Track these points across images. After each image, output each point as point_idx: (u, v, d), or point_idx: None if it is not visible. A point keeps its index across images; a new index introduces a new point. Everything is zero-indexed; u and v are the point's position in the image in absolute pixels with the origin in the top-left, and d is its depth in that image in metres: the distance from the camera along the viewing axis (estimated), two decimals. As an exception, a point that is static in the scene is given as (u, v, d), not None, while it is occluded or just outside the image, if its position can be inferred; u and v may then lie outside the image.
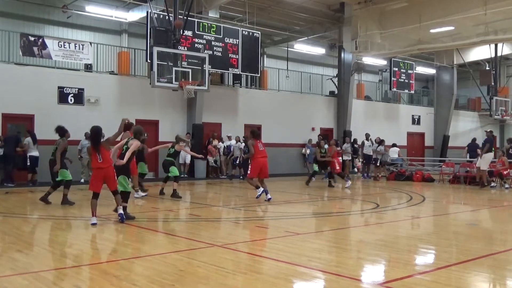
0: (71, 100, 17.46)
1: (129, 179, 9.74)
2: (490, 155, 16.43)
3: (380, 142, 20.30)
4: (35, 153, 15.68)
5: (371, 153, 20.46)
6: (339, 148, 24.37)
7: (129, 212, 9.10)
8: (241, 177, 19.81)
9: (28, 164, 15.71)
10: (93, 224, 8.26)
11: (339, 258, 6.31)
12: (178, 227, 8.98)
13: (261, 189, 11.80)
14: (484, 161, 16.21)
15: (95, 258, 6.17)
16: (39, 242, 7.46)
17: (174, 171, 12.56)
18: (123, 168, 9.04)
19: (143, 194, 12.66)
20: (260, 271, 5.60)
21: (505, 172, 16.54)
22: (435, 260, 6.41)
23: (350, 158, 21.27)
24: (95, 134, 8.52)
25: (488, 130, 17.88)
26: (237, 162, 19.60)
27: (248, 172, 12.33)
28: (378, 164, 20.25)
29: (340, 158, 19.15)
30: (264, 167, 11.91)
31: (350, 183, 16.33)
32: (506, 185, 16.41)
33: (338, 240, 7.69)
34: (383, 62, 29.50)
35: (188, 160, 19.63)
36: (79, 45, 17.60)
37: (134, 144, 9.29)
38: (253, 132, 12.42)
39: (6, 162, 15.61)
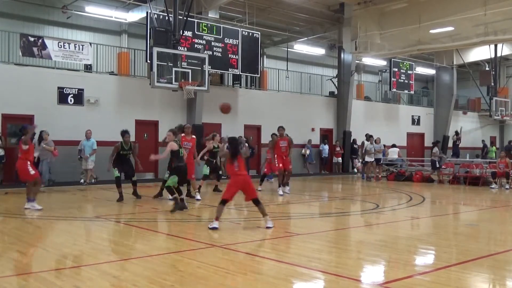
0: (71, 100, 17.46)
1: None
2: None
3: (369, 138, 20.11)
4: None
5: (379, 156, 20.44)
6: (338, 149, 24.50)
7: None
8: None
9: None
10: (213, 228, 7.76)
11: (339, 258, 6.31)
12: (178, 227, 8.97)
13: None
14: None
15: (95, 258, 6.16)
16: (39, 242, 7.45)
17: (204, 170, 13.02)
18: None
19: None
20: (260, 271, 5.60)
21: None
22: (434, 261, 6.41)
23: (373, 159, 20.13)
24: (235, 144, 8.24)
25: None
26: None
27: (276, 166, 13.80)
28: (364, 161, 20.07)
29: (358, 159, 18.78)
30: (285, 160, 13.80)
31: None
32: (507, 186, 16.42)
33: (338, 240, 7.69)
34: (383, 63, 29.51)
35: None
36: (79, 45, 17.60)
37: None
38: (279, 129, 13.96)
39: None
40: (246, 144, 20.36)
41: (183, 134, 11.77)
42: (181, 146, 10.46)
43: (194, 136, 12.27)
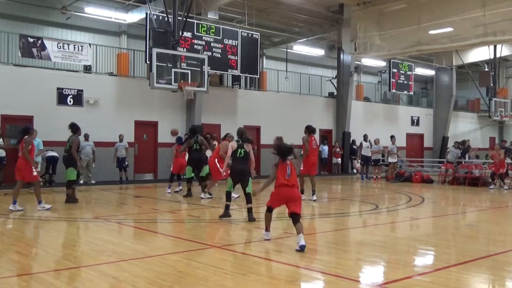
0: (70, 101, 17.46)
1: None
2: None
3: (364, 137, 20.20)
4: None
5: (369, 154, 20.48)
6: (338, 149, 24.50)
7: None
8: None
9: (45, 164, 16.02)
10: (267, 240, 7.10)
11: (338, 259, 6.30)
12: (177, 228, 8.97)
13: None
14: None
15: (94, 259, 6.16)
16: (38, 243, 7.45)
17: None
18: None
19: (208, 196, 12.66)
20: (259, 272, 5.59)
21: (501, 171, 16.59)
22: (434, 261, 6.41)
23: (396, 160, 20.00)
24: (287, 150, 6.91)
25: None
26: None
27: (301, 169, 12.17)
28: (388, 163, 20.08)
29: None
30: (314, 164, 12.49)
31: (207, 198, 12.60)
32: (505, 187, 16.43)
33: (338, 241, 7.69)
34: (382, 64, 29.53)
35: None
36: (78, 46, 17.60)
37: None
38: (309, 127, 12.48)
39: None
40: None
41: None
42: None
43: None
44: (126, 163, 17.70)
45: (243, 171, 9.08)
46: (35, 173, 10.31)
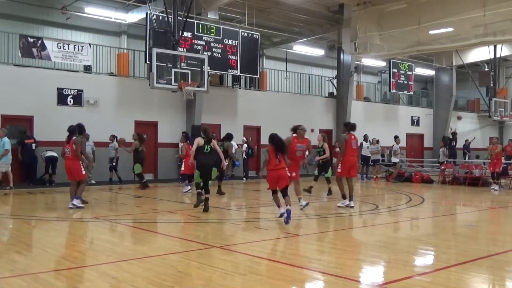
0: (70, 101, 17.45)
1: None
2: None
3: (364, 137, 20.23)
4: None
5: (369, 154, 20.48)
6: (338, 149, 24.46)
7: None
8: (244, 178, 19.85)
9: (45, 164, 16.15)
10: (282, 215, 8.57)
11: (338, 259, 6.30)
12: (177, 228, 8.97)
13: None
14: None
15: (94, 259, 6.16)
16: (38, 243, 7.44)
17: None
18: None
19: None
20: (259, 272, 5.59)
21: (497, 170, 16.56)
22: (434, 261, 6.41)
23: (398, 160, 19.99)
24: (281, 143, 8.88)
25: None
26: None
27: (338, 171, 11.00)
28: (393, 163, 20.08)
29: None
30: (353, 166, 10.94)
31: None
32: (496, 187, 16.30)
33: (338, 241, 7.69)
34: (382, 64, 29.52)
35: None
36: (78, 46, 17.59)
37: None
38: (347, 124, 11.25)
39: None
40: (245, 145, 20.43)
41: (294, 135, 10.37)
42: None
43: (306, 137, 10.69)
44: (114, 163, 17.26)
45: (208, 165, 10.27)
46: (84, 172, 10.68)
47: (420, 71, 32.16)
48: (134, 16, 20.82)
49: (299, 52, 27.76)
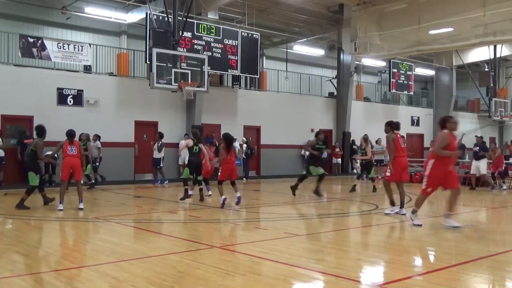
0: (70, 101, 17.46)
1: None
2: None
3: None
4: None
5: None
6: (338, 149, 24.48)
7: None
8: (244, 178, 19.84)
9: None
10: (224, 200, 10.75)
11: (338, 259, 6.30)
12: (177, 228, 8.97)
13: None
14: None
15: (94, 259, 6.16)
16: (38, 243, 7.44)
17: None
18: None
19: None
20: (259, 272, 5.59)
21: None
22: (434, 262, 6.40)
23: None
24: (229, 139, 11.02)
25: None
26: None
27: (388, 174, 9.85)
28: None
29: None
30: (405, 168, 9.93)
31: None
32: (497, 187, 16.35)
33: (338, 241, 7.68)
34: (382, 64, 29.53)
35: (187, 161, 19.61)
36: (78, 46, 17.60)
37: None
38: (391, 123, 10.17)
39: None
40: (245, 145, 20.43)
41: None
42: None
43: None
44: (97, 163, 16.37)
45: (198, 163, 12.05)
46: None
47: (420, 71, 32.16)
48: (134, 16, 20.83)
49: (299, 52, 27.77)
